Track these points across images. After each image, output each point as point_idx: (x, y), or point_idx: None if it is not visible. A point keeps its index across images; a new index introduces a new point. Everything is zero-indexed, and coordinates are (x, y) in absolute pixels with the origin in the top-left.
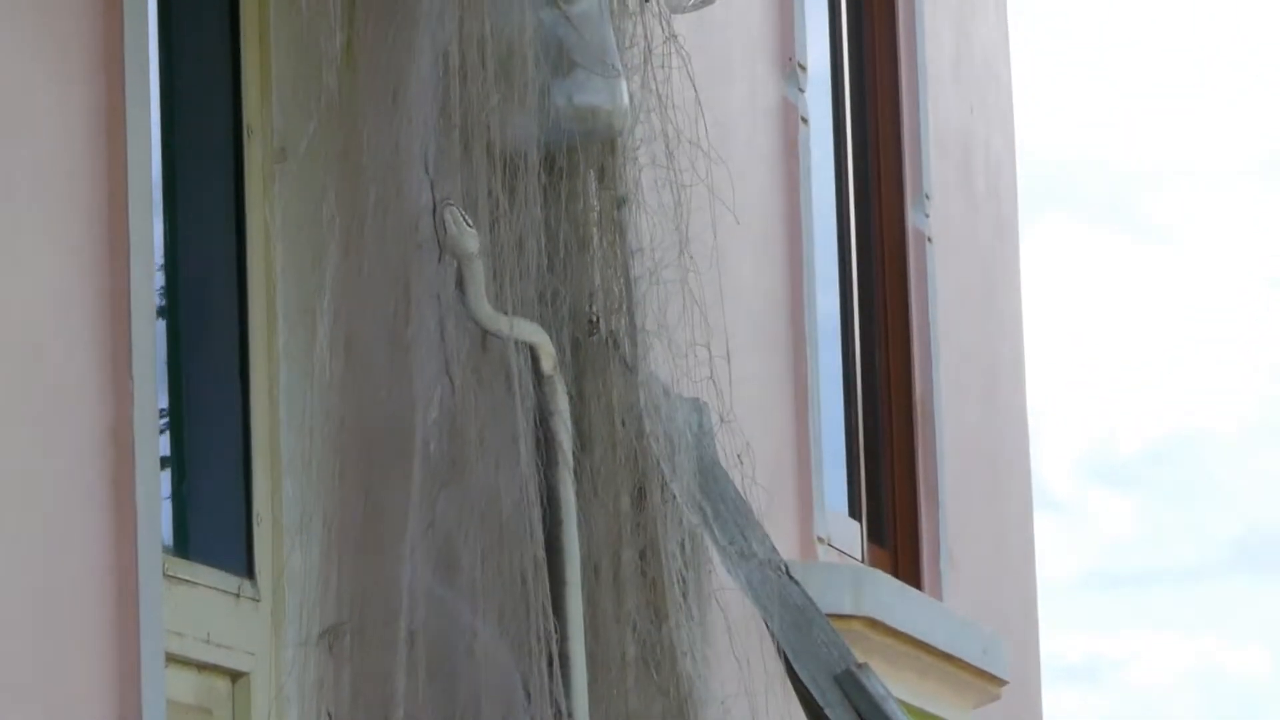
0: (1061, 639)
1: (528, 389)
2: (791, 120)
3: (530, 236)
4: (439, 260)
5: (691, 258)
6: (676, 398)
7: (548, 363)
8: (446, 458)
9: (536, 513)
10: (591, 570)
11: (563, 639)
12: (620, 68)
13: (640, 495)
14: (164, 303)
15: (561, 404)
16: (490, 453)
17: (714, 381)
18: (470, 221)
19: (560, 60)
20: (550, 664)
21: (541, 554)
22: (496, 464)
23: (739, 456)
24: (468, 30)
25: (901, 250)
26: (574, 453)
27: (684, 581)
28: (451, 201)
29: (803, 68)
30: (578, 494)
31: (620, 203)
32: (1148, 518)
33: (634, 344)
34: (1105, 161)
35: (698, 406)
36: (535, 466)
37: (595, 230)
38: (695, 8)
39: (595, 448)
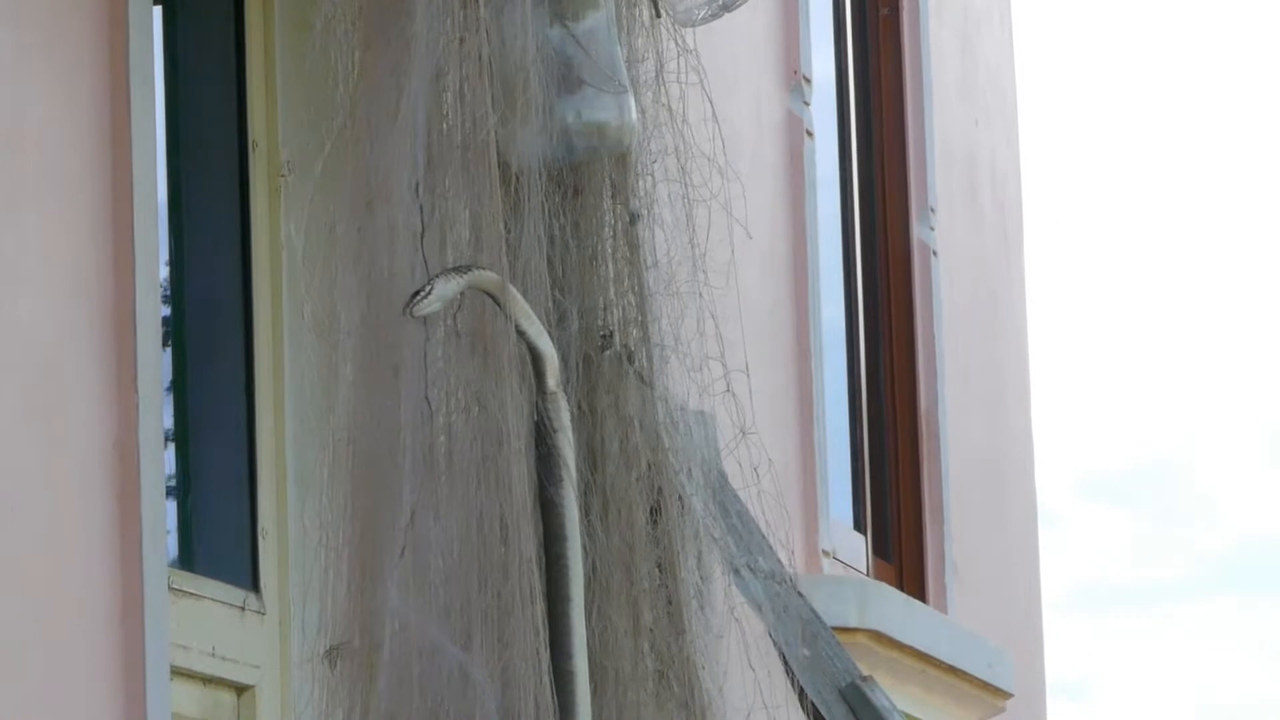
0: (1054, 654)
1: (530, 405)
2: (796, 133)
3: (535, 254)
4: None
5: (705, 272)
6: (684, 411)
7: (552, 379)
8: (447, 475)
9: (527, 530)
10: (603, 585)
11: (566, 656)
12: (627, 84)
13: (656, 509)
14: (169, 317)
15: (565, 420)
16: (492, 470)
17: (733, 394)
18: (431, 289)
19: (568, 77)
20: (549, 681)
21: (531, 571)
22: (497, 481)
23: (755, 469)
24: (468, 49)
25: (906, 263)
26: (585, 468)
27: (700, 595)
28: (420, 293)
29: (808, 81)
30: (588, 510)
31: (635, 218)
32: (1139, 534)
33: (650, 358)
34: (1110, 175)
35: (704, 419)
36: (531, 483)
37: (609, 245)
38: (705, 21)
39: (608, 463)
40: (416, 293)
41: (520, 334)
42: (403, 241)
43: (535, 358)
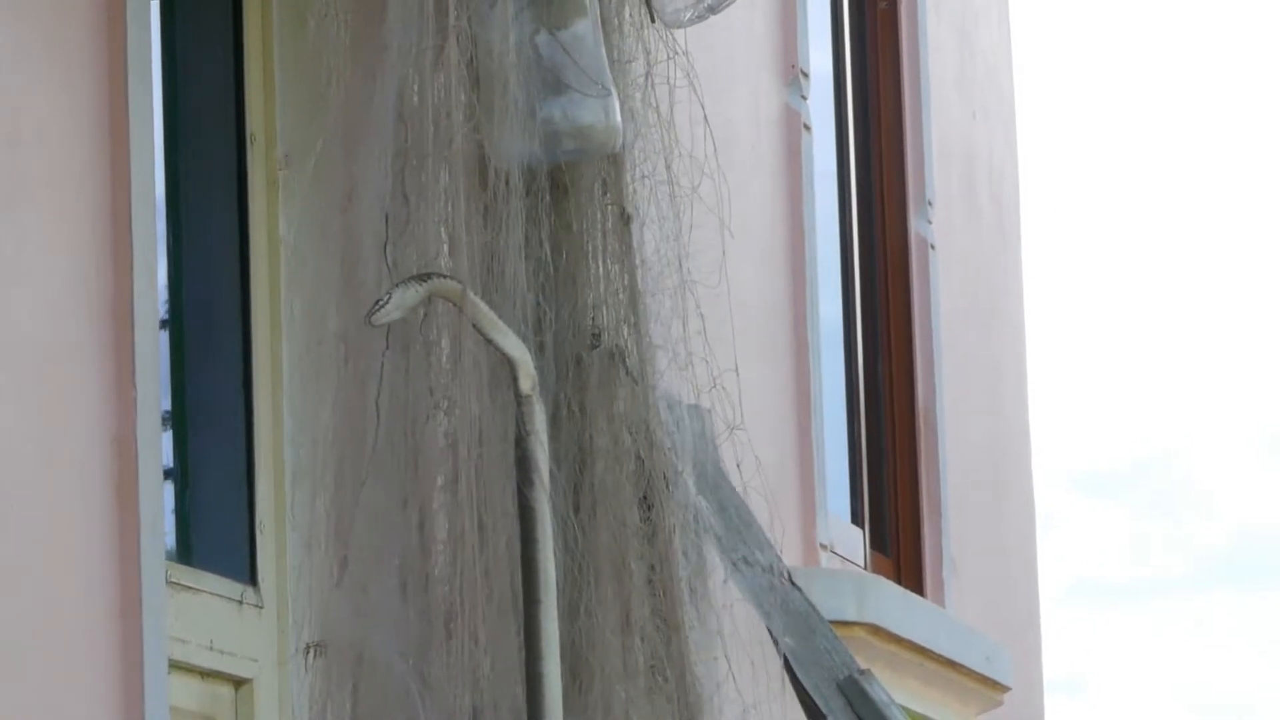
0: (1051, 649)
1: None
2: (794, 127)
3: (519, 256)
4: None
5: (690, 270)
6: (679, 405)
7: (526, 382)
8: (423, 476)
9: (499, 533)
10: (592, 583)
11: (536, 658)
12: (611, 88)
13: (647, 506)
14: (167, 310)
15: (539, 424)
16: (466, 473)
17: (723, 389)
18: (389, 297)
19: (554, 80)
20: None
21: (503, 574)
22: (470, 484)
23: (738, 465)
24: (446, 55)
25: (904, 257)
26: (576, 467)
27: (693, 590)
28: (379, 301)
29: (806, 75)
30: (578, 508)
31: (628, 219)
32: (1136, 530)
33: (641, 357)
34: (1108, 170)
35: (699, 413)
36: (502, 486)
37: (600, 244)
38: (692, 22)
39: (599, 461)
40: (377, 301)
41: (488, 341)
42: (374, 247)
43: (508, 363)
